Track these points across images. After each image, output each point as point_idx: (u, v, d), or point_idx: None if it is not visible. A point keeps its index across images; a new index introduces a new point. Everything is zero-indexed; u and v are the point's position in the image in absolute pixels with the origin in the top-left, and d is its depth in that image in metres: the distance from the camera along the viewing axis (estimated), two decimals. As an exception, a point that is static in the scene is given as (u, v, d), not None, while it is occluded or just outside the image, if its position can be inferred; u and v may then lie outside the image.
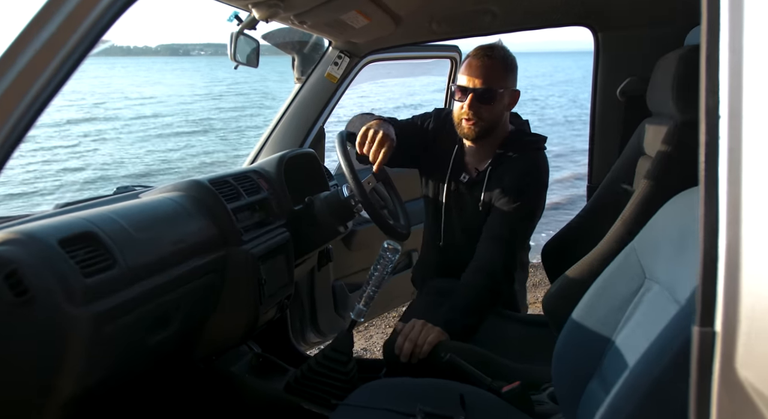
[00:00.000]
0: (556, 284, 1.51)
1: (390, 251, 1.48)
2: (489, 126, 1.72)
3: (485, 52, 1.67)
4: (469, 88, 1.67)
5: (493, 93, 1.67)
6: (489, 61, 1.66)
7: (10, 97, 0.72)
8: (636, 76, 1.86)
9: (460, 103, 1.71)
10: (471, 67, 1.68)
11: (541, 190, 1.77)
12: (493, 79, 1.67)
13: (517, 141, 1.79)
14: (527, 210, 1.74)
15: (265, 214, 1.61)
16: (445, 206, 1.89)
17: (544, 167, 1.77)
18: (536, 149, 1.79)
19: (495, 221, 1.73)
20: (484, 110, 1.68)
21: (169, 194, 1.38)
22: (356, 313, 1.54)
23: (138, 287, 1.09)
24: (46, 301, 0.93)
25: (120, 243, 1.08)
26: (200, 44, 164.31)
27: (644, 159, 1.68)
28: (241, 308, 1.44)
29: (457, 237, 1.90)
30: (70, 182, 11.06)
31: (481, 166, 1.83)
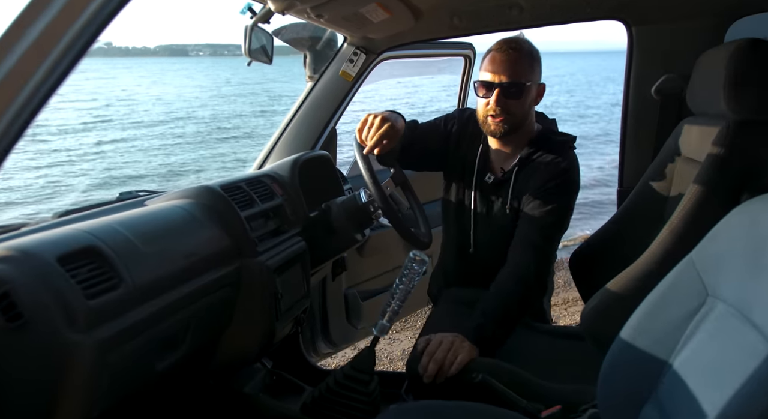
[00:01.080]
0: (596, 299, 1.40)
1: (417, 262, 1.37)
2: (517, 122, 1.64)
3: (509, 45, 1.59)
4: (494, 83, 1.58)
5: (520, 87, 1.59)
6: (514, 54, 1.58)
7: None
8: (673, 73, 1.75)
9: (485, 100, 1.62)
10: (495, 62, 1.59)
11: (572, 192, 1.68)
12: (520, 73, 1.58)
13: (546, 140, 1.70)
14: (559, 214, 1.65)
15: (279, 221, 1.50)
16: (473, 210, 1.80)
17: (575, 168, 1.68)
18: (566, 149, 1.69)
19: (527, 226, 1.64)
20: (511, 104, 1.60)
21: (177, 201, 1.26)
22: (379, 329, 1.43)
23: (146, 307, 0.97)
24: (43, 326, 0.81)
25: (126, 258, 0.97)
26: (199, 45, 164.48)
27: (684, 162, 1.57)
28: (255, 325, 1.33)
29: (485, 242, 1.81)
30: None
31: (507, 165, 1.74)
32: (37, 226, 1.16)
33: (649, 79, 1.78)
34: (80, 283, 0.87)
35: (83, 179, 11.42)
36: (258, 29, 1.44)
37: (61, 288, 0.84)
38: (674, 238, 1.29)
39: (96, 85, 27.96)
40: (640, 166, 1.84)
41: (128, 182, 10.98)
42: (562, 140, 1.70)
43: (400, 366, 3.45)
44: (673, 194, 1.60)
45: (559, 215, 1.64)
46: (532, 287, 1.60)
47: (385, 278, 2.54)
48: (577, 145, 1.73)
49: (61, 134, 16.24)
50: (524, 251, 1.61)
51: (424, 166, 1.91)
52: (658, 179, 1.65)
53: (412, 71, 3.14)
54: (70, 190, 10.50)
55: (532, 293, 1.62)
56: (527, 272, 1.59)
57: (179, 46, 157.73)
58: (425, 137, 1.81)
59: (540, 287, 1.65)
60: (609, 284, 1.37)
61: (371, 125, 1.53)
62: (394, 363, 3.51)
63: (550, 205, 1.62)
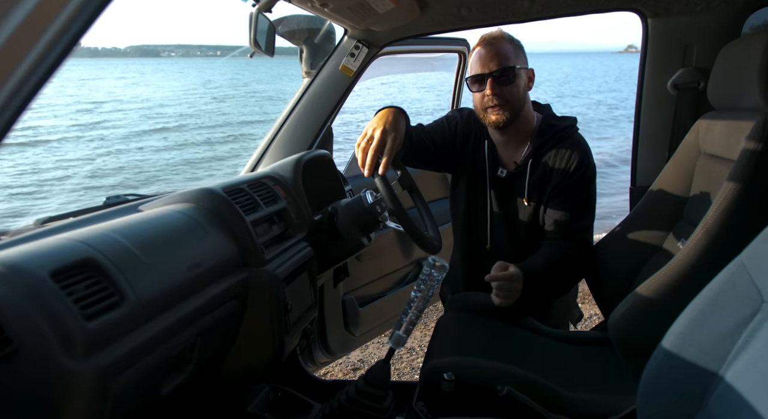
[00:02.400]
0: (625, 305, 1.32)
1: (437, 269, 1.27)
2: (515, 108, 1.65)
3: (490, 38, 1.63)
4: (485, 74, 1.61)
5: (511, 71, 1.61)
6: (498, 43, 1.62)
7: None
8: (689, 66, 1.69)
9: (480, 93, 1.63)
10: (481, 55, 1.62)
11: (593, 179, 1.70)
12: (507, 58, 1.61)
13: (551, 128, 1.70)
14: (589, 204, 1.70)
15: (284, 226, 1.39)
16: (489, 206, 1.78)
17: (588, 152, 1.69)
18: (573, 134, 1.70)
19: (560, 221, 1.66)
20: (506, 91, 1.62)
21: (177, 206, 1.15)
22: (395, 341, 1.33)
23: (151, 326, 0.86)
24: (36, 354, 0.70)
25: (128, 271, 0.85)
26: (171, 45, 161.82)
27: (706, 159, 1.50)
28: (264, 339, 1.21)
29: (503, 237, 1.79)
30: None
31: (518, 158, 1.73)
32: (20, 236, 1.03)
33: (665, 73, 1.71)
34: (78, 302, 0.75)
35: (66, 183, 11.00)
36: (262, 18, 1.33)
37: (57, 309, 0.72)
38: (709, 239, 1.22)
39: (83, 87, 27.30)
40: (655, 164, 1.78)
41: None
42: (566, 125, 1.70)
43: (391, 370, 3.37)
44: (694, 193, 1.54)
45: (589, 205, 1.69)
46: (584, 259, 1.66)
47: (381, 283, 2.45)
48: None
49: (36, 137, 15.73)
50: (564, 240, 1.65)
51: (432, 166, 1.86)
52: (677, 178, 1.59)
53: (403, 68, 3.04)
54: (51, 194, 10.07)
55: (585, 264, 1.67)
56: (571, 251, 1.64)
57: (150, 47, 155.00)
58: (432, 138, 1.77)
59: (580, 271, 1.70)
60: (639, 290, 1.29)
61: (371, 139, 1.49)
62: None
63: (578, 198, 1.65)
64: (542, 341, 1.71)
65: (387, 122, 1.48)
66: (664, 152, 1.75)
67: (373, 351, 3.66)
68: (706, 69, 1.63)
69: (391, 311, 2.50)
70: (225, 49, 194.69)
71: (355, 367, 3.47)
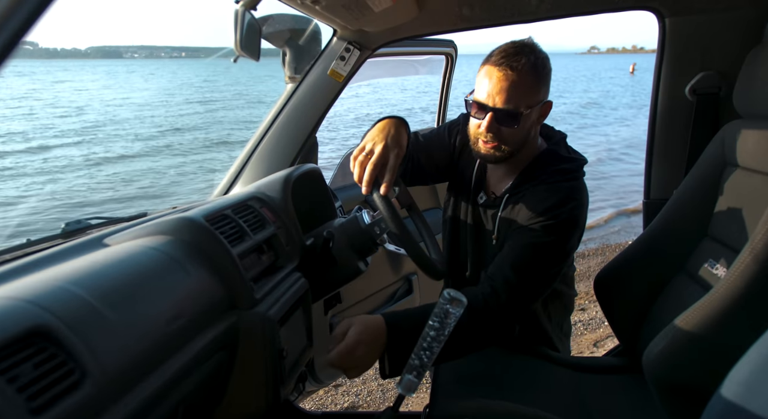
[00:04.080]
0: (662, 340, 1.18)
1: (453, 305, 1.10)
2: (512, 150, 1.39)
3: (510, 61, 1.30)
4: (487, 106, 1.33)
5: (516, 116, 1.32)
6: (514, 76, 1.30)
7: None
8: (710, 70, 1.56)
9: (477, 121, 1.37)
10: (491, 80, 1.32)
11: (567, 227, 1.36)
12: (519, 99, 1.31)
13: (547, 165, 1.43)
14: (546, 249, 1.36)
15: (274, 255, 1.21)
16: (468, 230, 1.60)
17: (578, 200, 1.38)
18: (568, 178, 1.41)
19: (503, 255, 1.39)
20: (505, 132, 1.35)
21: (149, 240, 0.96)
22: (405, 386, 1.15)
23: (123, 405, 0.67)
24: None
25: (90, 336, 0.66)
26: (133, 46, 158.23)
27: (735, 172, 1.38)
28: (257, 392, 1.03)
29: (478, 269, 1.59)
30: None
31: (500, 189, 1.51)
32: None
33: (683, 78, 1.59)
34: (22, 390, 0.57)
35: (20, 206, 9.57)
36: (248, 17, 1.15)
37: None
38: (759, 265, 1.08)
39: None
40: (671, 175, 1.66)
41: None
42: (566, 169, 1.42)
43: (374, 386, 3.22)
44: (721, 209, 1.41)
45: (543, 255, 1.36)
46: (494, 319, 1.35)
47: (369, 302, 2.28)
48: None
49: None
50: (487, 281, 1.37)
51: (428, 180, 1.69)
52: (700, 191, 1.46)
53: (385, 72, 2.88)
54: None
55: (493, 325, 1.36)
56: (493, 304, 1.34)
57: (112, 48, 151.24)
58: (430, 149, 1.60)
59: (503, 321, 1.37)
60: (678, 323, 1.16)
61: (370, 153, 1.29)
62: (368, 384, 3.27)
63: (532, 241, 1.36)
64: (554, 370, 1.57)
65: (389, 136, 1.30)
66: (681, 162, 1.63)
67: (372, 387, 3.49)
68: (728, 73, 1.51)
69: None
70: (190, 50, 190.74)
71: (337, 384, 3.30)
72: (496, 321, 1.36)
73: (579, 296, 4.71)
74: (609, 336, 3.81)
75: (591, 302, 4.50)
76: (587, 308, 4.42)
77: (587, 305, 4.50)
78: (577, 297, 4.70)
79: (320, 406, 3.00)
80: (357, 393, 3.20)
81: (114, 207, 8.56)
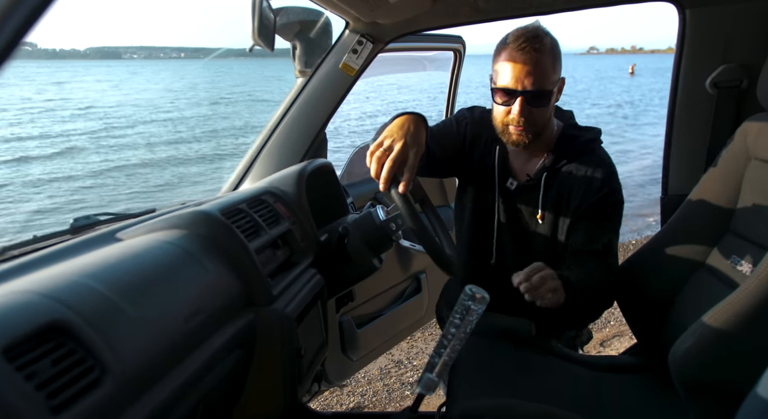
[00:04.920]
0: (688, 339, 1.15)
1: (477, 302, 1.07)
2: (540, 129, 1.44)
3: (532, 43, 1.33)
4: (517, 90, 1.36)
5: (547, 94, 1.37)
6: (537, 56, 1.33)
7: None
8: (732, 63, 1.53)
9: (505, 108, 1.40)
10: (516, 64, 1.34)
11: (620, 198, 1.50)
12: (546, 77, 1.36)
13: (573, 139, 1.50)
14: (617, 222, 1.50)
15: (289, 251, 1.18)
16: (496, 217, 1.59)
17: (612, 169, 1.50)
18: (595, 149, 1.51)
19: (588, 242, 1.46)
20: (536, 113, 1.39)
21: (164, 234, 0.92)
22: (425, 385, 1.12)
23: (143, 405, 0.64)
24: None
25: (110, 332, 0.63)
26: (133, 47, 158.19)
27: (760, 166, 1.35)
28: (275, 391, 1.00)
29: (510, 251, 1.60)
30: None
31: (531, 169, 1.54)
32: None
33: (704, 71, 1.56)
34: (41, 388, 0.53)
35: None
36: (266, 6, 1.11)
37: (10, 402, 0.50)
38: None
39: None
40: (690, 170, 1.62)
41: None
42: (589, 138, 1.51)
43: (380, 386, 3.20)
44: (744, 204, 1.38)
45: (617, 229, 1.50)
46: (607, 291, 1.47)
47: (379, 301, 2.25)
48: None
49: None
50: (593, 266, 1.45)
51: (440, 172, 1.67)
52: (721, 186, 1.43)
53: (393, 68, 2.85)
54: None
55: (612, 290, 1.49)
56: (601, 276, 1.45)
57: (111, 49, 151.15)
58: (440, 142, 1.57)
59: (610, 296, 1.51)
60: (706, 320, 1.12)
61: (389, 149, 1.26)
62: (373, 384, 3.24)
63: (607, 222, 1.47)
64: (573, 369, 1.54)
65: (408, 134, 1.26)
66: (701, 157, 1.60)
67: (377, 387, 3.46)
68: (750, 65, 1.48)
69: (390, 331, 2.30)
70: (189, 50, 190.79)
71: (342, 384, 3.27)
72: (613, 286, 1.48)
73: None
74: (615, 335, 3.78)
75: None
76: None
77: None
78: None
79: (325, 407, 2.97)
80: (362, 394, 3.17)
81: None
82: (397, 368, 3.39)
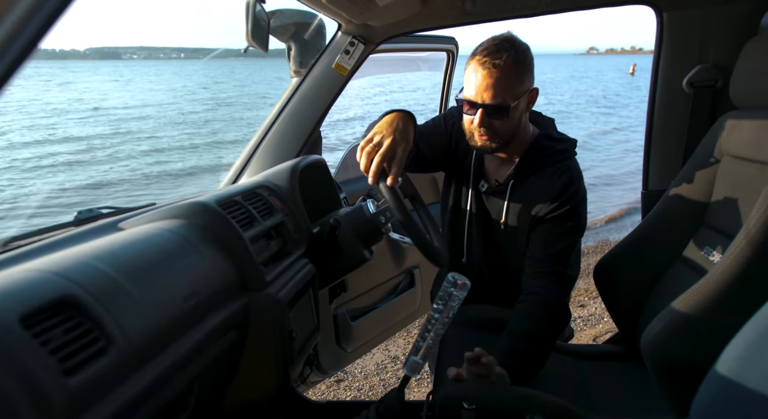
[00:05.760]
0: (660, 322, 1.22)
1: (458, 288, 1.14)
2: (506, 139, 1.48)
3: (492, 57, 1.37)
4: (477, 103, 1.41)
5: (504, 108, 1.40)
6: (497, 72, 1.37)
7: None
8: (707, 63, 1.60)
9: (470, 117, 1.45)
10: (477, 78, 1.39)
11: (581, 210, 1.51)
12: (505, 93, 1.39)
13: (542, 149, 1.53)
14: (572, 237, 1.49)
15: (282, 241, 1.24)
16: (467, 218, 1.65)
17: (579, 177, 1.51)
18: (565, 159, 1.52)
19: (540, 254, 1.48)
20: (497, 125, 1.44)
21: (164, 223, 0.99)
22: (410, 367, 1.19)
23: (145, 374, 0.71)
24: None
25: (115, 308, 0.70)
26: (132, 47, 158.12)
27: (731, 162, 1.42)
28: (267, 372, 1.06)
29: (478, 254, 1.66)
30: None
31: (502, 175, 1.59)
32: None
33: (680, 71, 1.62)
34: (55, 352, 0.60)
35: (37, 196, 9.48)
36: (260, 9, 1.18)
37: (28, 364, 0.57)
38: (753, 249, 1.12)
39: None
40: (669, 166, 1.69)
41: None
42: (561, 149, 1.52)
43: (376, 381, 3.26)
44: (717, 197, 1.45)
45: (572, 238, 1.49)
46: (559, 314, 1.46)
47: (372, 295, 2.31)
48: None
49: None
50: (545, 280, 1.46)
51: (428, 169, 1.73)
52: (696, 181, 1.50)
53: (388, 69, 2.91)
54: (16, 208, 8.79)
55: (560, 320, 1.47)
56: (552, 299, 1.44)
57: (111, 49, 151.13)
58: (428, 140, 1.64)
59: (565, 314, 1.49)
60: (676, 305, 1.19)
61: (378, 145, 1.33)
62: (369, 379, 3.31)
63: (561, 229, 1.48)
64: (555, 356, 1.60)
65: (397, 130, 1.33)
66: (679, 154, 1.66)
67: (356, 362, 3.53)
68: (724, 66, 1.54)
69: (383, 324, 2.37)
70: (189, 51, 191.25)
71: (339, 379, 3.33)
72: (561, 314, 1.46)
73: (579, 293, 4.74)
74: (609, 331, 3.84)
75: (590, 299, 4.53)
76: (587, 305, 4.46)
77: (587, 301, 4.53)
78: (577, 294, 4.74)
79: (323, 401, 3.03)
80: (359, 388, 3.23)
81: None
82: (393, 363, 3.46)
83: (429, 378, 2.20)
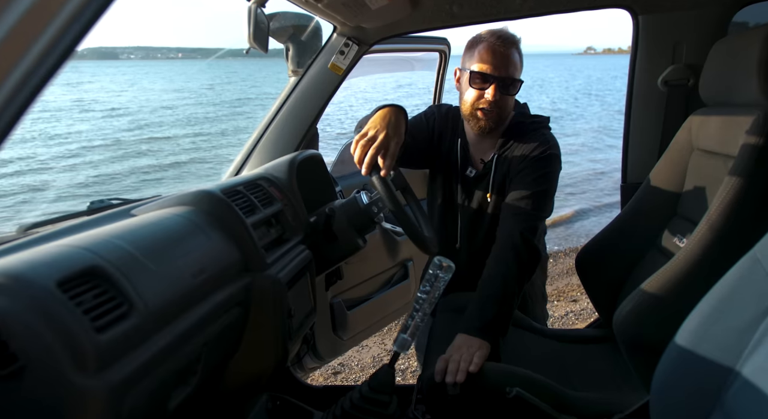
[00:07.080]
0: (630, 302, 1.32)
1: (443, 270, 1.24)
2: (504, 117, 1.64)
3: (509, 39, 1.57)
4: (494, 76, 1.56)
5: (517, 84, 1.60)
6: (512, 51, 1.58)
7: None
8: (680, 63, 1.70)
9: (478, 92, 1.59)
10: (496, 55, 1.56)
11: (551, 163, 1.62)
12: (517, 69, 1.59)
13: (521, 124, 1.69)
14: (539, 184, 1.60)
15: (281, 229, 1.34)
16: (459, 204, 1.76)
17: (555, 143, 1.66)
18: (541, 131, 1.67)
19: (509, 202, 1.60)
20: (505, 101, 1.60)
21: (173, 209, 1.09)
22: (400, 344, 1.29)
23: (161, 337, 0.81)
24: (45, 371, 0.64)
25: (134, 279, 0.80)
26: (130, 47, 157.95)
27: (700, 155, 1.52)
28: (268, 347, 1.16)
29: (471, 236, 1.78)
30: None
31: (487, 156, 1.72)
32: (6, 243, 0.96)
33: (655, 70, 1.73)
34: (87, 313, 0.70)
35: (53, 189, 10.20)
36: (260, 12, 1.28)
37: (66, 321, 0.66)
38: (714, 234, 1.22)
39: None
40: (645, 160, 1.79)
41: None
42: (536, 122, 1.69)
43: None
44: (688, 189, 1.55)
45: (539, 185, 1.59)
46: (522, 253, 1.53)
47: (368, 285, 2.41)
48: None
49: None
50: (509, 221, 1.57)
51: (413, 164, 1.84)
52: (669, 174, 1.60)
53: (383, 68, 3.01)
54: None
55: (525, 260, 1.54)
56: (513, 237, 1.54)
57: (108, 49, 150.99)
58: (414, 134, 1.75)
59: (532, 254, 1.56)
60: (644, 287, 1.29)
61: (372, 139, 1.43)
62: (366, 371, 3.40)
63: (532, 176, 1.59)
64: (539, 340, 1.70)
65: (389, 124, 1.44)
66: (654, 148, 1.77)
67: (353, 355, 3.62)
68: (695, 66, 1.65)
69: (378, 314, 2.46)
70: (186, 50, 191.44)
71: (336, 371, 3.42)
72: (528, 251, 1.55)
73: (572, 288, 4.85)
74: (599, 324, 3.94)
75: (583, 294, 4.63)
76: (579, 300, 4.56)
77: (579, 296, 4.63)
78: (570, 289, 4.84)
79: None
80: (356, 380, 3.32)
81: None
82: (389, 356, 3.54)
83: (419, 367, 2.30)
